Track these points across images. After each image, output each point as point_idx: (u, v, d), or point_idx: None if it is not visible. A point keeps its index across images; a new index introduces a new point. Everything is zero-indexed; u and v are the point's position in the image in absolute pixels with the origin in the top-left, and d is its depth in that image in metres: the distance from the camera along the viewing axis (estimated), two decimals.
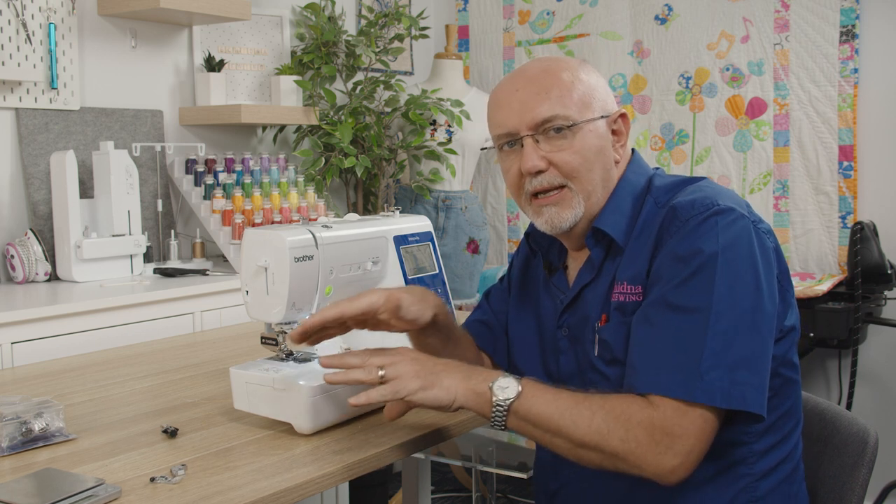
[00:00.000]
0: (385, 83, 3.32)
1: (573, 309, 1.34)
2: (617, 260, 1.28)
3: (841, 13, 3.08)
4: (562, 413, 1.15)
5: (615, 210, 1.30)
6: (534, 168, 1.27)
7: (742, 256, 1.16)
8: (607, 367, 1.26)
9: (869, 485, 1.33)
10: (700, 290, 1.15)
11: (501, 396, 1.17)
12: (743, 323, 1.14)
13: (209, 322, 2.41)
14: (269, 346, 1.40)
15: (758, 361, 1.15)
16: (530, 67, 1.32)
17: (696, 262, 1.16)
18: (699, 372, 1.12)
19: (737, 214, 1.19)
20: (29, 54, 2.50)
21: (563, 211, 1.29)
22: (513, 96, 1.30)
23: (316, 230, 1.37)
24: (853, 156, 3.09)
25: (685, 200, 1.22)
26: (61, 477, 1.11)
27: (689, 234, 1.18)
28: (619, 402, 1.15)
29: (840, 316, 2.79)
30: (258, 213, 2.69)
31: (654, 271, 1.21)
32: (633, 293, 1.23)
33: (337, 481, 1.18)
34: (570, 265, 1.39)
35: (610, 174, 1.32)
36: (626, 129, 1.34)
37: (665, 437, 1.11)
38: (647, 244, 1.24)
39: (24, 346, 2.01)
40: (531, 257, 1.48)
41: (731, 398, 1.12)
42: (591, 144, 1.28)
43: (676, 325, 1.15)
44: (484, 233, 3.54)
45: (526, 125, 1.28)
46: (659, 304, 1.17)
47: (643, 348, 1.18)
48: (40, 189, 2.53)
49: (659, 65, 3.48)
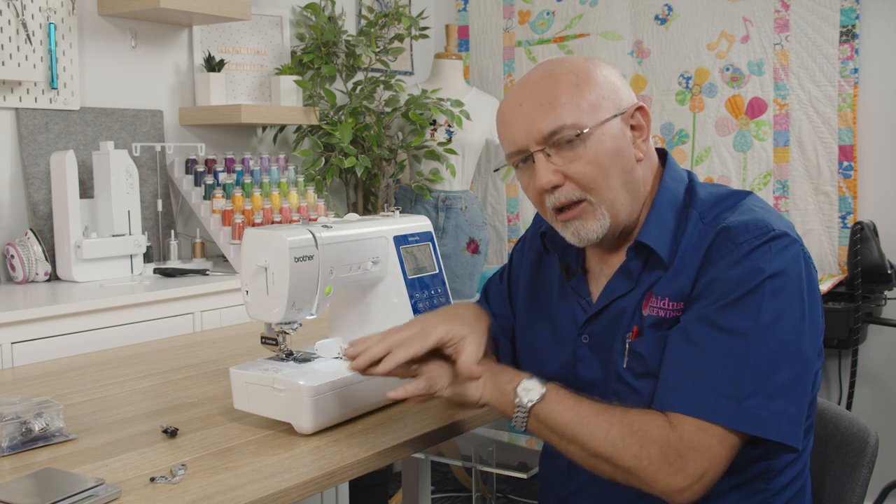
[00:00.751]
0: (385, 83, 3.32)
1: (599, 317, 1.29)
2: (655, 273, 1.24)
3: (841, 13, 3.08)
4: (580, 421, 1.15)
5: (658, 223, 1.25)
6: (548, 185, 1.22)
7: (792, 284, 1.14)
8: (637, 380, 1.23)
9: (869, 485, 1.33)
10: (747, 313, 1.12)
11: (525, 399, 1.18)
12: (786, 352, 1.12)
13: (209, 322, 2.41)
14: (269, 346, 1.40)
15: (797, 392, 1.13)
16: (532, 76, 1.27)
17: (746, 285, 1.13)
18: (737, 397, 1.10)
19: (790, 240, 1.16)
20: (29, 54, 2.50)
21: (588, 223, 1.24)
22: (517, 111, 1.24)
23: (316, 230, 1.37)
24: (853, 156, 3.09)
25: (738, 222, 1.18)
26: (61, 477, 1.11)
27: (744, 258, 1.15)
28: (638, 417, 1.14)
29: (840, 316, 2.79)
30: (258, 213, 2.69)
31: (700, 289, 1.17)
32: (674, 309, 1.20)
33: (337, 481, 1.18)
34: (592, 268, 1.34)
35: (633, 175, 1.25)
36: (647, 122, 1.27)
37: (678, 459, 1.10)
38: (693, 262, 1.20)
39: (24, 346, 2.01)
40: (544, 255, 1.42)
41: (767, 427, 1.10)
42: (605, 149, 1.22)
43: (719, 347, 1.12)
44: (484, 233, 3.54)
45: (534, 140, 1.22)
46: (702, 323, 1.15)
47: (681, 366, 1.15)
48: (40, 189, 2.53)
49: (659, 65, 3.48)
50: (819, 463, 1.40)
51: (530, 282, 1.44)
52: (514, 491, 3.33)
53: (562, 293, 1.37)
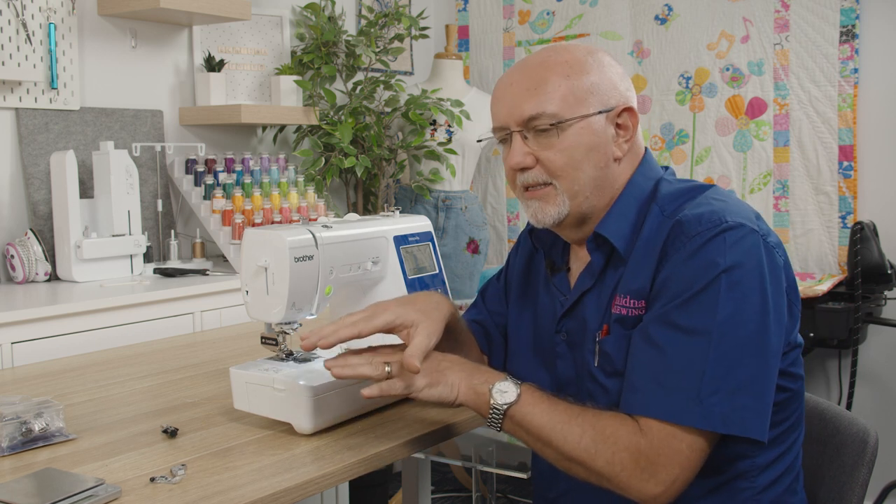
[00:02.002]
0: (385, 83, 3.32)
1: (573, 314, 1.31)
2: (620, 270, 1.25)
3: (841, 13, 3.08)
4: (553, 426, 1.16)
5: (619, 216, 1.27)
6: (518, 165, 1.27)
7: (750, 276, 1.13)
8: (607, 378, 1.24)
9: (869, 485, 1.33)
10: (705, 310, 1.12)
11: (500, 400, 1.18)
12: (747, 346, 1.12)
13: (209, 322, 2.41)
14: (269, 346, 1.40)
15: (760, 385, 1.13)
16: (531, 59, 1.29)
17: (701, 281, 1.13)
18: (699, 397, 1.10)
19: (746, 230, 1.15)
20: (29, 54, 2.50)
21: (547, 206, 1.27)
22: (507, 90, 1.28)
23: (316, 230, 1.37)
24: (853, 156, 3.09)
25: (692, 214, 1.18)
26: (61, 477, 1.11)
27: (696, 252, 1.15)
28: (611, 423, 1.14)
29: (840, 316, 2.79)
30: (258, 213, 2.69)
31: (658, 286, 1.18)
32: (636, 307, 1.21)
33: (337, 481, 1.18)
34: (574, 266, 1.36)
35: (607, 172, 1.27)
36: (634, 124, 1.29)
37: (650, 465, 1.11)
38: (651, 257, 1.21)
39: (24, 346, 2.01)
40: (534, 253, 1.45)
41: (731, 423, 1.11)
42: (580, 142, 1.24)
43: (678, 347, 1.13)
44: (484, 233, 3.54)
45: (514, 121, 1.26)
46: (661, 323, 1.15)
47: (643, 368, 1.15)
48: (40, 189, 2.53)
49: (659, 65, 3.48)
50: (819, 463, 1.40)
51: (522, 280, 1.46)
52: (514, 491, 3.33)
53: (546, 290, 1.39)
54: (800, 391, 1.27)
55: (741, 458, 1.21)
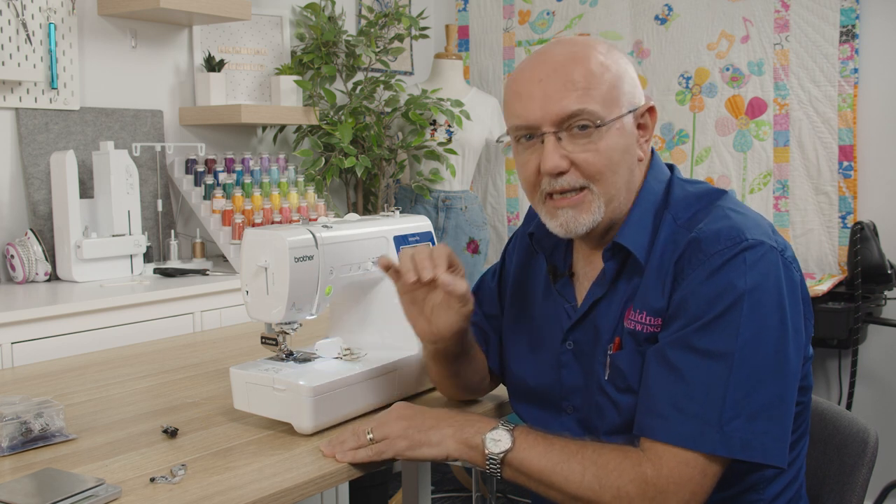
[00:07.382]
0: (385, 83, 3.32)
1: (583, 324, 1.27)
2: (634, 280, 1.20)
3: (841, 13, 3.08)
4: (553, 467, 1.13)
5: (637, 224, 1.21)
6: (555, 169, 1.17)
7: (770, 297, 1.09)
8: (619, 393, 1.20)
9: (869, 485, 1.33)
10: (725, 333, 1.08)
11: (495, 449, 1.15)
12: (766, 369, 1.08)
13: (209, 322, 2.41)
14: (269, 346, 1.40)
15: (779, 409, 1.09)
16: (556, 53, 1.20)
17: (722, 303, 1.09)
18: (720, 422, 1.07)
19: (766, 248, 1.11)
20: (29, 54, 2.50)
21: (581, 215, 1.20)
22: (535, 86, 1.18)
23: (316, 230, 1.37)
24: (853, 156, 3.09)
25: (710, 230, 1.14)
26: (61, 477, 1.11)
27: (716, 272, 1.10)
28: (613, 456, 1.12)
29: (840, 316, 2.79)
30: (258, 213, 2.69)
31: (675, 306, 1.13)
32: (651, 325, 1.16)
33: (337, 481, 1.18)
34: (578, 271, 1.32)
35: (634, 174, 1.23)
36: (653, 124, 1.24)
37: (658, 494, 1.08)
38: (667, 273, 1.16)
39: (24, 346, 2.01)
40: (532, 256, 1.39)
41: (751, 450, 1.07)
42: (617, 144, 1.18)
43: (697, 371, 1.09)
44: (484, 233, 3.54)
45: (549, 121, 1.17)
46: (679, 346, 1.11)
47: (661, 392, 1.11)
48: (40, 189, 2.53)
49: (659, 65, 3.48)
50: (819, 463, 1.40)
51: (518, 283, 1.41)
52: (514, 491, 3.33)
53: (547, 296, 1.34)
54: (809, 402, 1.25)
55: (751, 471, 1.18)
